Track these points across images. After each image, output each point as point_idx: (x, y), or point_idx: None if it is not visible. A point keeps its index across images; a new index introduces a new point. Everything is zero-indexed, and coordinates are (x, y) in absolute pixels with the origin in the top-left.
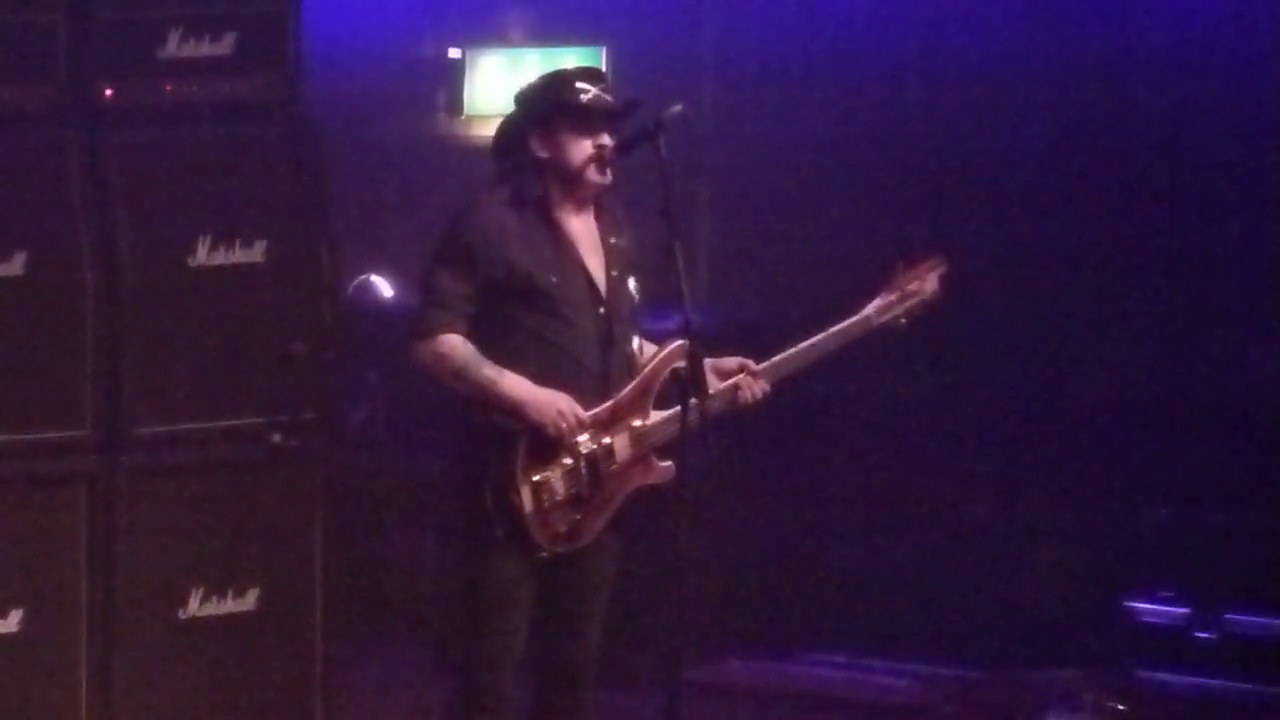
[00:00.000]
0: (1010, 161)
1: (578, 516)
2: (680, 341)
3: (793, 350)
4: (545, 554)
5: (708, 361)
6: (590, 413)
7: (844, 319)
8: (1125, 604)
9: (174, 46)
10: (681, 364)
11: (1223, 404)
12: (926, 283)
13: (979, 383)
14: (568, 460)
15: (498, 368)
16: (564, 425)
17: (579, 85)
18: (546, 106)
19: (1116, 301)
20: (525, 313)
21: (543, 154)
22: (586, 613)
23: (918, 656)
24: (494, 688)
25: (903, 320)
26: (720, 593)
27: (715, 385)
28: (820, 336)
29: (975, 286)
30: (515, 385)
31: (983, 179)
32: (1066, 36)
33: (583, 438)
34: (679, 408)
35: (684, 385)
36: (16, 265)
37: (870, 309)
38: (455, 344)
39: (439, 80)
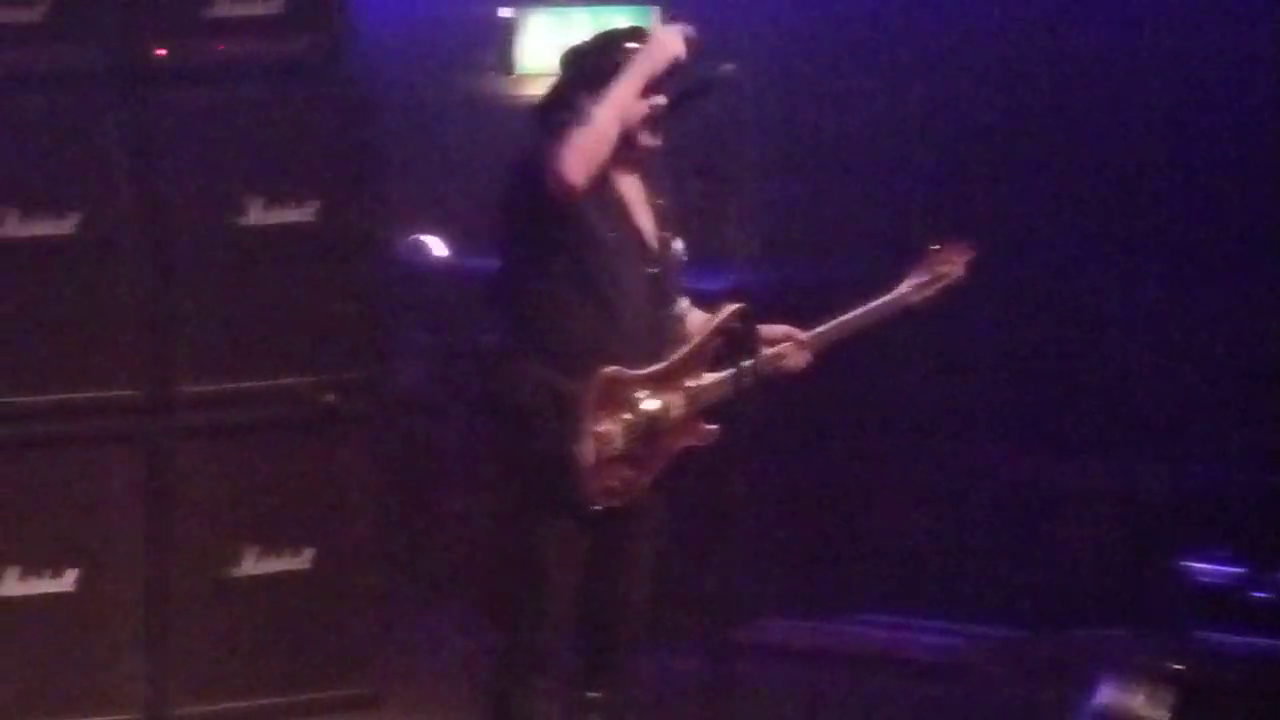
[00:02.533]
0: (1071, 130)
1: (629, 472)
2: (736, 305)
3: (833, 323)
4: (597, 508)
5: (759, 327)
6: (646, 370)
7: (881, 295)
8: (1180, 564)
9: (224, 6)
10: (735, 326)
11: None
12: (956, 265)
13: (1027, 346)
14: (627, 415)
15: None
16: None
17: (630, 46)
18: (599, 68)
19: (1167, 257)
20: (581, 267)
21: None
22: (634, 571)
23: (966, 616)
24: (545, 645)
25: (930, 299)
26: (767, 553)
27: (763, 351)
28: (858, 311)
29: (1017, 250)
30: (624, 72)
31: (1037, 146)
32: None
33: (642, 394)
34: (731, 370)
35: (735, 347)
36: (68, 225)
37: (905, 287)
38: (560, 144)
39: (489, 39)
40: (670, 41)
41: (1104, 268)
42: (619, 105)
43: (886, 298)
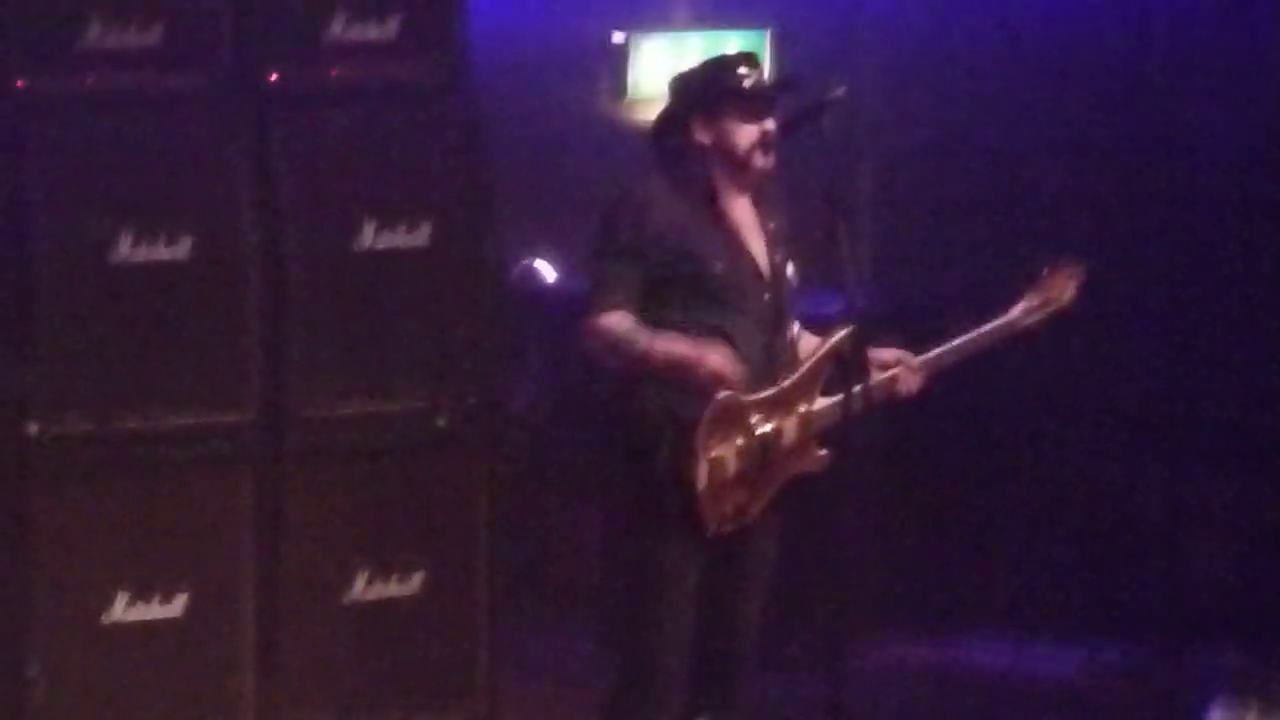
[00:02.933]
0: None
1: (743, 496)
2: (848, 328)
3: (946, 347)
4: (711, 532)
5: (870, 351)
6: (762, 394)
7: (994, 319)
8: None
9: (339, 29)
10: (847, 350)
11: None
12: (1067, 290)
13: (1142, 371)
14: (741, 440)
15: (651, 334)
16: (728, 368)
17: (741, 71)
18: (710, 93)
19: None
20: (694, 300)
21: (706, 140)
22: (748, 594)
23: (1079, 637)
24: (662, 670)
25: (1040, 323)
26: (882, 575)
27: (875, 375)
28: (970, 335)
29: (1136, 280)
30: (670, 342)
31: (1154, 173)
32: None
33: (756, 418)
34: (843, 394)
35: (847, 372)
36: (183, 249)
37: (1016, 311)
38: (616, 319)
39: (603, 64)
40: (719, 368)
41: (1216, 300)
42: (633, 359)
43: (998, 321)
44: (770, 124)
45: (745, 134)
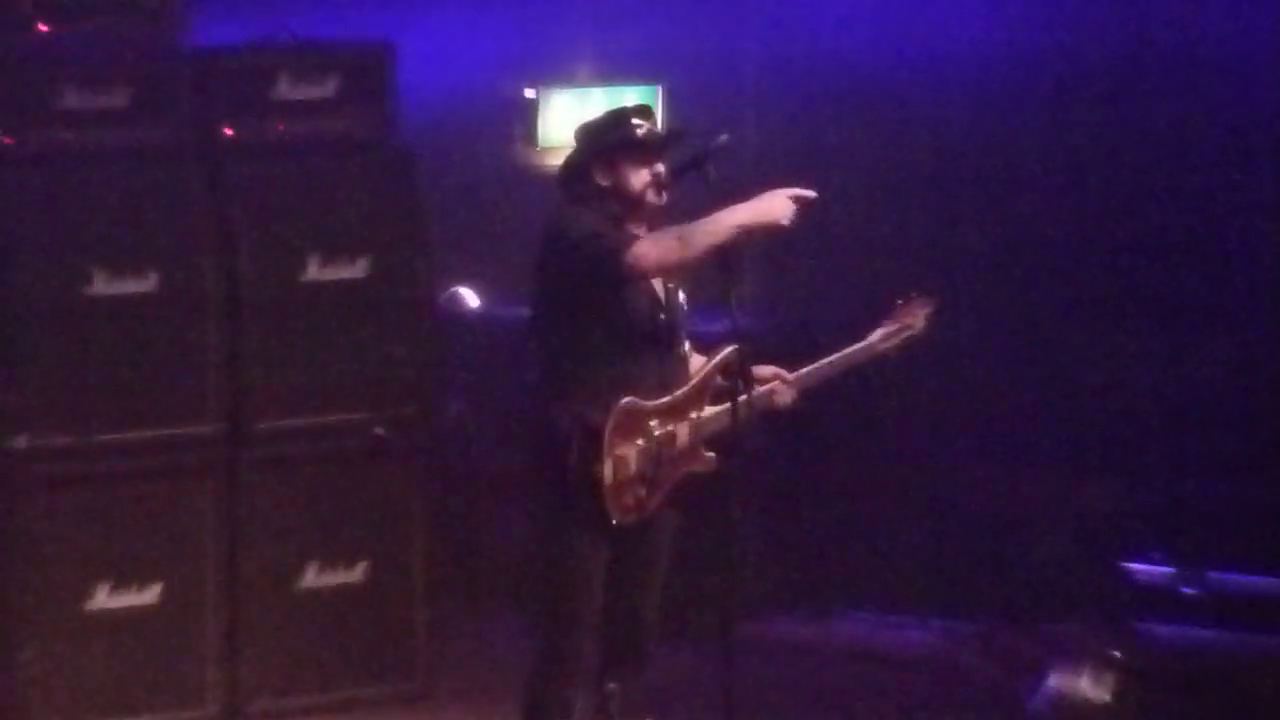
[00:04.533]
0: (1024, 173)
1: (643, 492)
2: (733, 347)
3: (814, 366)
4: (616, 523)
5: (752, 368)
6: (659, 402)
7: (855, 343)
8: (1122, 565)
9: (285, 89)
10: (732, 365)
11: (1201, 396)
12: (919, 318)
13: (998, 376)
14: (641, 442)
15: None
16: (791, 205)
17: (634, 121)
18: (608, 141)
19: (1120, 297)
20: (603, 317)
21: (605, 182)
22: (649, 579)
23: (938, 612)
24: (574, 649)
25: (898, 348)
26: (768, 558)
27: (756, 389)
28: (835, 356)
29: (988, 286)
30: (733, 210)
31: (999, 191)
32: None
33: (653, 423)
34: (729, 403)
35: (734, 384)
36: (151, 282)
37: (874, 336)
38: (649, 239)
39: (516, 116)
40: (780, 208)
41: (1067, 303)
42: (718, 236)
43: (859, 345)
44: (660, 167)
45: (639, 177)
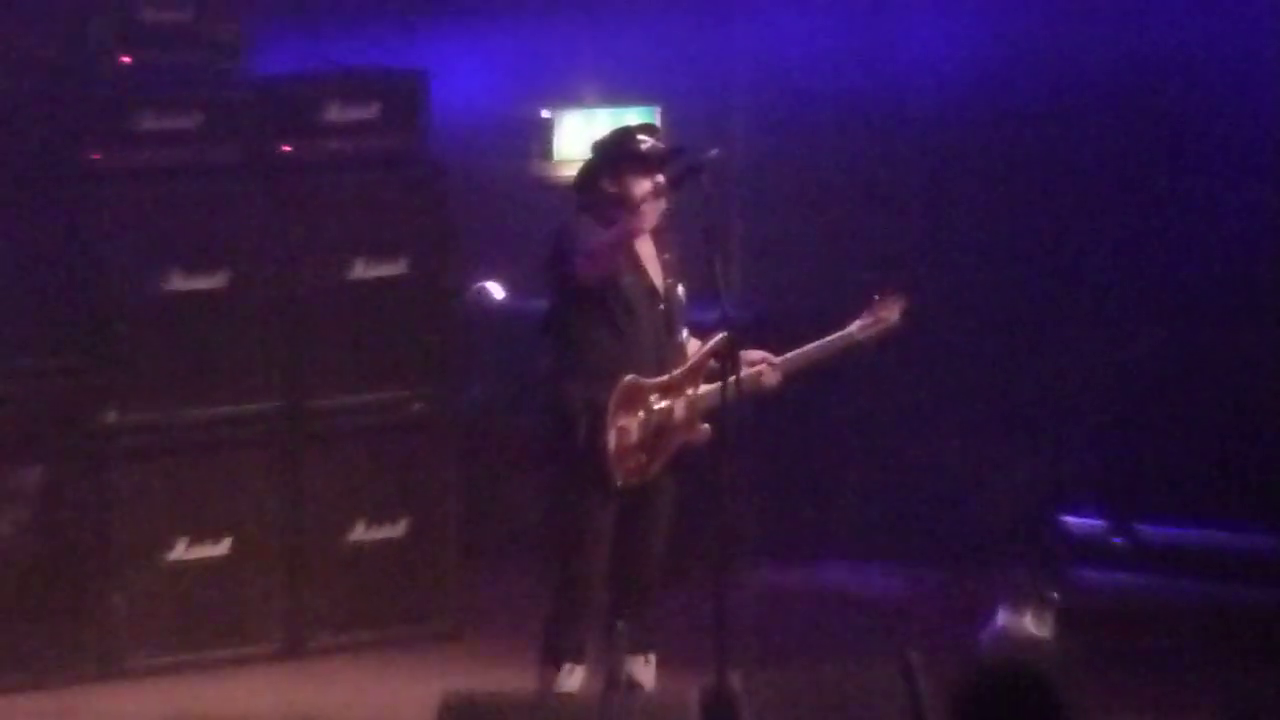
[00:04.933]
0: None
1: (644, 458)
2: (722, 334)
3: (797, 352)
4: (619, 485)
5: (741, 352)
6: (657, 380)
7: (835, 332)
8: (1059, 518)
9: (335, 113)
10: (723, 350)
11: (1129, 373)
12: (893, 312)
13: (957, 356)
14: (641, 415)
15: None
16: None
17: (639, 137)
18: (615, 154)
19: (1059, 287)
20: (606, 308)
21: (612, 190)
22: (652, 533)
23: (903, 560)
24: (585, 594)
25: (874, 339)
26: (755, 514)
27: (745, 370)
28: (818, 344)
29: (949, 282)
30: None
31: (961, 197)
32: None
33: (653, 398)
34: (720, 383)
35: (724, 367)
36: (220, 279)
37: (853, 327)
38: (582, 253)
39: (533, 134)
40: (647, 217)
41: (1024, 294)
42: (614, 241)
43: (838, 334)
44: (660, 178)
45: (641, 186)
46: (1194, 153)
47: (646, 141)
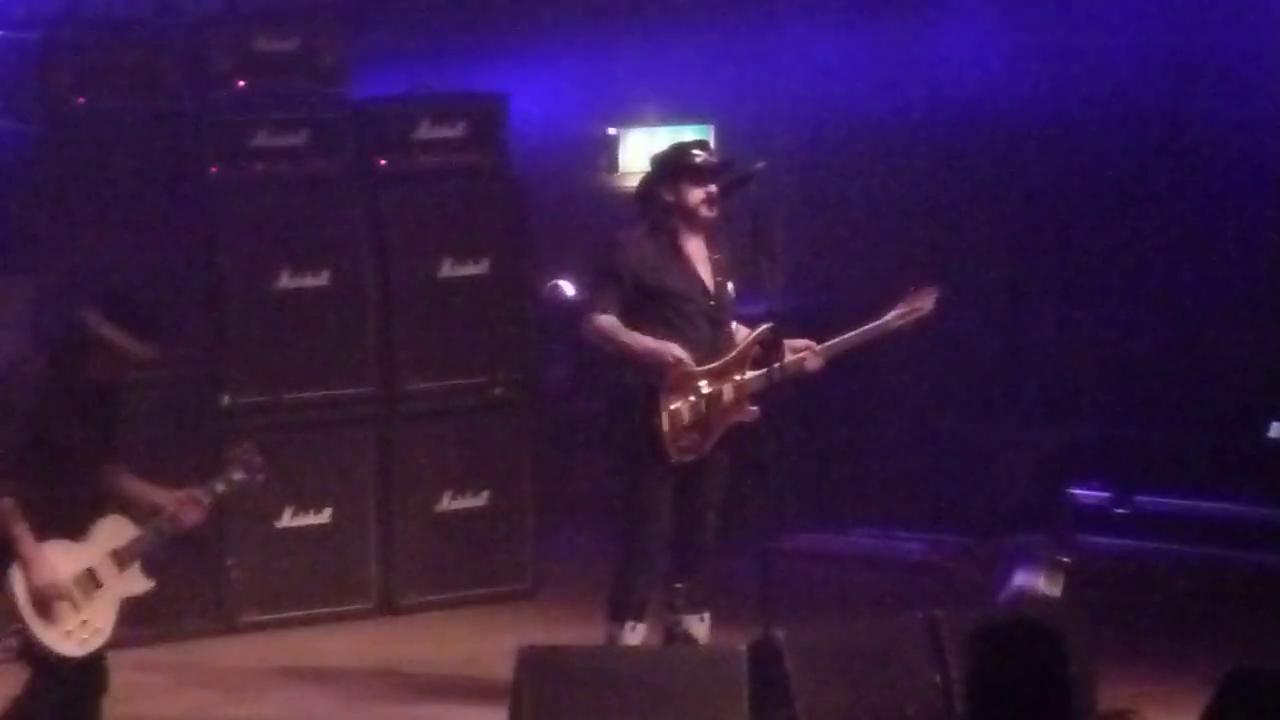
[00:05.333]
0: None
1: (696, 437)
2: (767, 325)
3: (837, 340)
4: (674, 461)
5: (785, 341)
6: (707, 367)
7: (872, 321)
8: (1069, 490)
9: (424, 131)
10: (768, 338)
11: (1132, 359)
12: (927, 302)
13: (979, 342)
14: (692, 399)
15: (628, 331)
16: (670, 359)
17: (694, 151)
18: (671, 167)
19: (1068, 280)
20: (660, 307)
21: (670, 199)
22: (707, 504)
23: (929, 527)
24: (647, 559)
25: (909, 326)
26: (797, 486)
27: (789, 356)
28: (855, 332)
29: (973, 276)
30: (639, 339)
31: (987, 201)
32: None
33: (703, 383)
34: (765, 369)
35: (768, 353)
36: (324, 278)
37: (890, 316)
38: (604, 319)
39: (601, 149)
40: (661, 363)
41: (1037, 281)
42: (618, 349)
43: (875, 323)
44: (713, 188)
45: (695, 195)
46: (1202, 155)
47: (700, 155)
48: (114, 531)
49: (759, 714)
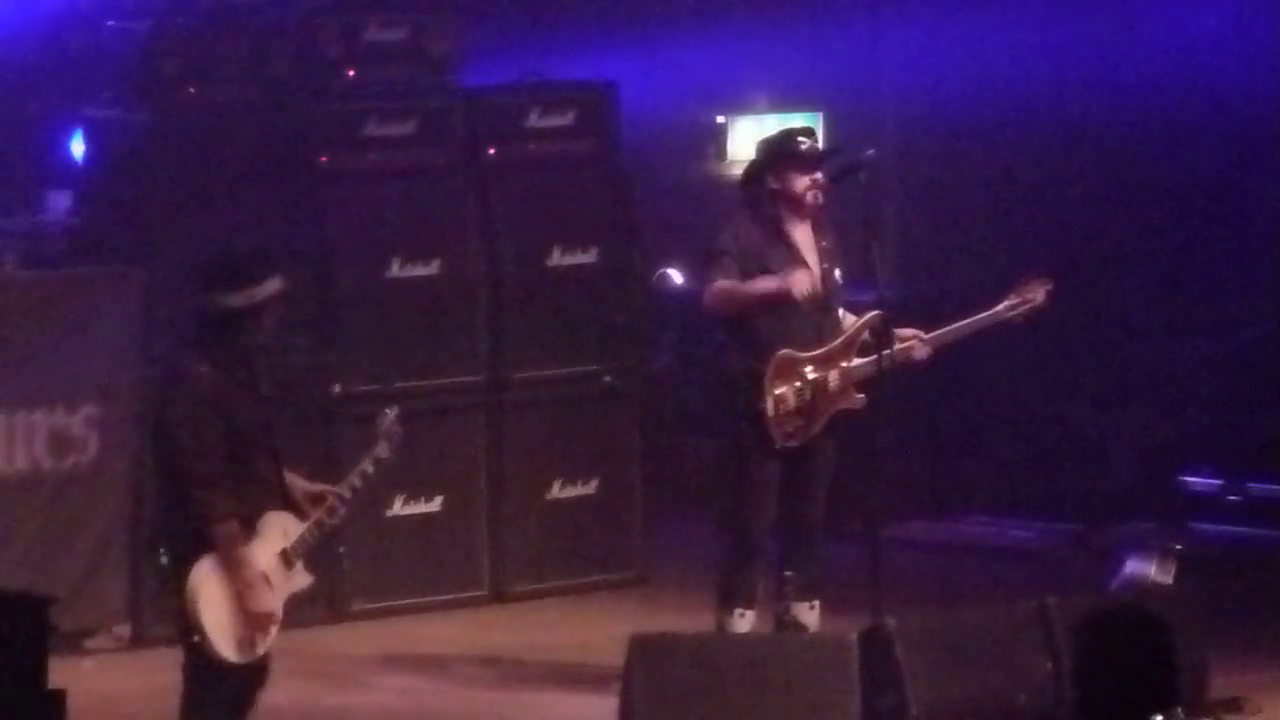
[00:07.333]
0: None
1: (801, 422)
2: (875, 312)
3: (947, 329)
4: (779, 446)
5: (894, 329)
6: (813, 353)
7: (983, 311)
8: (1181, 477)
9: (535, 119)
10: (876, 325)
11: (1243, 350)
12: (1039, 293)
13: (1091, 333)
14: (797, 384)
15: (747, 284)
16: (797, 284)
17: (800, 139)
18: (778, 154)
19: (1186, 263)
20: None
21: (775, 186)
22: (815, 490)
23: (1040, 514)
24: (754, 545)
25: (1020, 317)
26: (904, 474)
27: (897, 344)
28: (965, 321)
29: (1084, 270)
30: (758, 283)
31: (1092, 192)
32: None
33: (809, 369)
34: (873, 356)
35: (877, 341)
36: (434, 267)
37: (1001, 306)
38: (720, 284)
39: (709, 137)
40: (797, 282)
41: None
42: (745, 299)
43: (987, 313)
44: (819, 175)
45: (801, 182)
46: None
47: (805, 143)
48: (282, 528)
49: (870, 702)
